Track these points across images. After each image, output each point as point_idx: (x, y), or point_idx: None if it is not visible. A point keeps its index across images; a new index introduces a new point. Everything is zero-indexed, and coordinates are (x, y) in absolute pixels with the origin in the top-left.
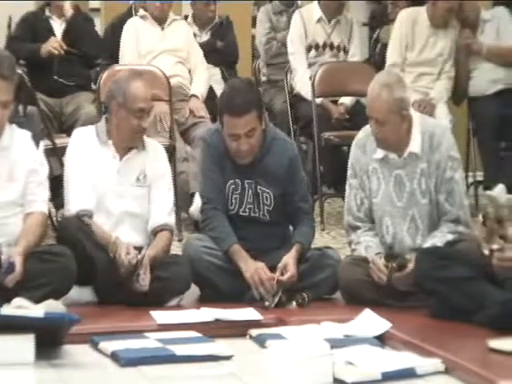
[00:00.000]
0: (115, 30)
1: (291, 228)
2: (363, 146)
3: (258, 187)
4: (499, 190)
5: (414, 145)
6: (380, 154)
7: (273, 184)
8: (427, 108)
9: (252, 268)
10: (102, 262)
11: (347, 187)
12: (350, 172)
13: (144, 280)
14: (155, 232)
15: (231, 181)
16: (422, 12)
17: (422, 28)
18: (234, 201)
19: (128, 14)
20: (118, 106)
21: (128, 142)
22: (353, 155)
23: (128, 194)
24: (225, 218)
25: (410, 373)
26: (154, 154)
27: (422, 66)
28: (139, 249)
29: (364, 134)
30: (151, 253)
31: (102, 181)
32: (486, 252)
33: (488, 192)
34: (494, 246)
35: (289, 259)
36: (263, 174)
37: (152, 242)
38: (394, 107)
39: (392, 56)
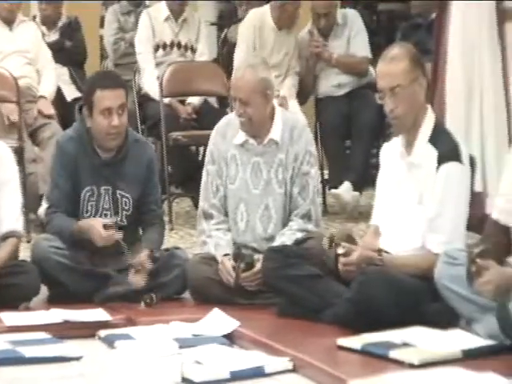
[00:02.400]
0: None
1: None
2: (223, 133)
3: (118, 192)
4: (345, 188)
5: (275, 132)
6: (240, 139)
7: (132, 188)
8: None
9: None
10: None
11: (204, 173)
12: (208, 158)
13: None
14: (1, 239)
15: (87, 188)
16: (266, 14)
17: (268, 31)
18: (89, 208)
19: None
20: None
21: None
22: (212, 141)
23: None
24: (65, 216)
25: (258, 371)
26: None
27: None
28: None
29: (226, 120)
30: None
31: None
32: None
33: (333, 190)
34: (339, 251)
35: (142, 256)
36: (123, 178)
37: None
38: (258, 86)
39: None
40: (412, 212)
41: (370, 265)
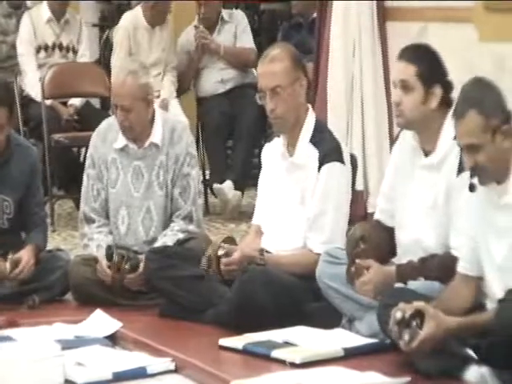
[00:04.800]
0: None
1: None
2: (104, 136)
3: None
4: (227, 186)
5: (156, 135)
6: (120, 143)
7: (14, 191)
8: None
9: None
10: None
11: (85, 177)
12: (88, 162)
13: None
14: None
15: None
16: (138, 15)
17: (142, 32)
18: None
19: None
20: None
21: None
22: (92, 145)
23: None
24: None
25: (140, 372)
26: None
27: (150, 69)
28: None
29: (106, 124)
30: None
31: None
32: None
33: (217, 185)
34: (220, 252)
35: (23, 253)
36: (5, 182)
37: None
38: (139, 93)
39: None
40: (293, 212)
41: (251, 264)
